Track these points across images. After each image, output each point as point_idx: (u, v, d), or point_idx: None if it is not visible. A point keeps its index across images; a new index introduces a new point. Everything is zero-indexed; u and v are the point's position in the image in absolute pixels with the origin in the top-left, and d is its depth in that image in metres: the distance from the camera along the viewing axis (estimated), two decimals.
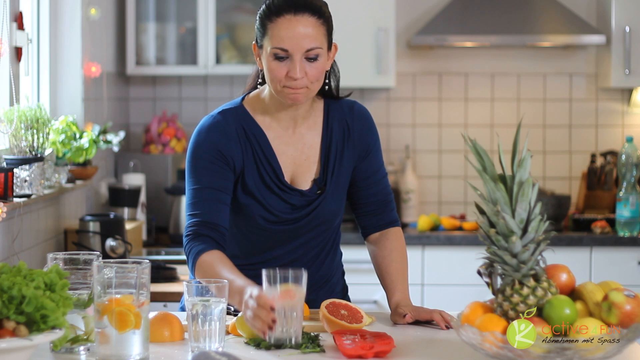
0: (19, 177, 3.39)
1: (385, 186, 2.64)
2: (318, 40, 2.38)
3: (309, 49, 2.37)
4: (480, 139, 5.06)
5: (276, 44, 2.37)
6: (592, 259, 4.71)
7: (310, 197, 2.51)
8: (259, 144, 2.49)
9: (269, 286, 2.13)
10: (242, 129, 2.49)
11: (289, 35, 2.36)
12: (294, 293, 2.12)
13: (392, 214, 2.65)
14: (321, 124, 2.55)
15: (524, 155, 1.97)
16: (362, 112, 2.60)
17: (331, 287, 2.65)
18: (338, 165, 2.55)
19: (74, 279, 2.11)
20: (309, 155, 2.53)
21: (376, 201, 2.62)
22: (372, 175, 2.61)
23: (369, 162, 2.60)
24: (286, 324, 2.11)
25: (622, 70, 4.95)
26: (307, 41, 2.36)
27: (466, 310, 2.02)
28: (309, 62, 2.38)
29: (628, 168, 4.71)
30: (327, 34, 2.42)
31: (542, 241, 1.96)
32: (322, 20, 2.40)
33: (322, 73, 2.43)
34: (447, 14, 5.01)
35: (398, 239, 2.64)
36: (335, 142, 2.55)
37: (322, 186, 2.53)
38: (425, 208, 5.31)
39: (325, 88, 2.53)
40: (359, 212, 2.64)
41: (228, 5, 5.10)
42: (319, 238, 2.57)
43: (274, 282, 2.13)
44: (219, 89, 5.28)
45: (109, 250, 4.02)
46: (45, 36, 4.18)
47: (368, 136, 2.59)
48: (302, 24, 2.37)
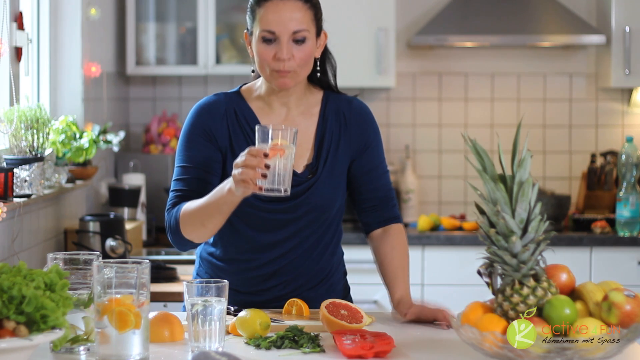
0: (19, 177, 3.39)
1: (386, 182, 2.66)
2: (305, 23, 2.46)
3: (296, 30, 2.44)
4: (480, 139, 5.06)
5: (264, 26, 2.45)
6: (592, 259, 4.71)
7: (300, 179, 2.53)
8: (250, 126, 2.54)
9: (261, 142, 2.23)
10: (234, 110, 2.56)
11: (275, 18, 2.44)
12: (284, 148, 2.22)
13: (394, 210, 2.67)
14: (317, 114, 2.59)
15: (524, 155, 1.97)
16: (361, 107, 2.64)
17: (332, 287, 2.66)
18: (333, 153, 2.57)
19: (74, 279, 2.12)
20: (301, 141, 2.56)
21: (377, 197, 2.64)
22: (372, 170, 2.63)
23: (368, 157, 2.62)
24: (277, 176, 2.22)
25: (622, 70, 4.95)
26: (293, 23, 2.44)
27: (466, 310, 2.02)
28: (297, 45, 2.45)
29: (628, 168, 4.71)
30: (314, 18, 2.50)
31: (542, 241, 1.96)
32: (309, 5, 2.48)
33: (310, 57, 2.49)
34: (447, 14, 5.01)
35: (400, 236, 2.66)
36: (330, 131, 2.58)
37: (314, 171, 2.55)
38: (425, 208, 5.31)
39: (317, 75, 2.59)
40: (360, 208, 2.65)
41: (228, 5, 5.10)
42: (313, 227, 2.57)
43: (264, 138, 2.23)
44: (219, 89, 5.27)
45: (109, 250, 4.02)
46: (45, 36, 4.18)
47: (367, 131, 2.62)
48: (289, 7, 2.45)
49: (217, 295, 2.08)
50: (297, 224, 2.55)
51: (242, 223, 2.55)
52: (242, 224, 2.56)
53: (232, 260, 2.60)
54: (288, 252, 2.56)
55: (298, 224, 2.55)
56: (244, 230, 2.56)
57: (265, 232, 2.55)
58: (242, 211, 2.50)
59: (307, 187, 2.54)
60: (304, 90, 2.59)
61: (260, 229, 2.55)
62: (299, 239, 2.57)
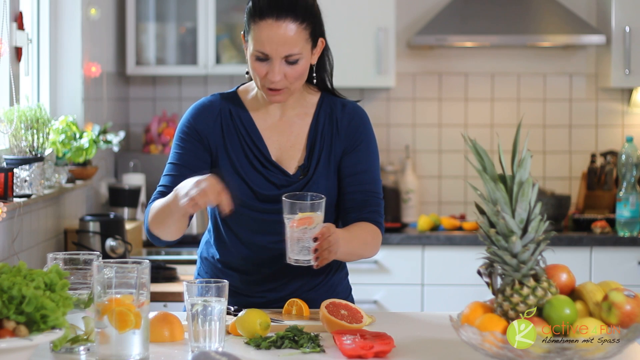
0: (19, 177, 3.39)
1: (374, 189, 2.58)
2: (298, 46, 2.43)
3: (288, 55, 2.43)
4: (480, 139, 5.06)
5: (257, 47, 2.44)
6: (592, 259, 4.71)
7: (292, 180, 2.54)
8: (244, 126, 2.55)
9: (288, 214, 2.33)
10: (229, 111, 2.57)
11: (269, 40, 2.42)
12: (312, 219, 2.29)
13: (375, 215, 2.57)
14: (312, 115, 2.59)
15: (524, 155, 1.97)
16: (354, 111, 2.61)
17: (332, 287, 2.65)
18: (325, 155, 2.56)
19: (74, 279, 2.12)
20: (294, 142, 2.57)
21: (360, 199, 2.56)
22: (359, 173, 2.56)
23: (356, 158, 2.57)
24: (303, 248, 2.31)
25: (622, 70, 4.95)
26: (286, 47, 2.42)
27: (466, 310, 2.02)
28: (289, 65, 2.45)
29: (628, 168, 4.71)
30: (310, 36, 2.47)
31: (542, 241, 1.96)
32: (306, 24, 2.45)
33: (304, 73, 2.49)
34: (447, 14, 5.01)
35: (371, 227, 2.55)
36: (322, 133, 2.58)
37: (305, 172, 2.55)
38: (425, 208, 5.31)
39: (314, 82, 2.59)
40: (342, 208, 2.59)
41: (228, 5, 5.10)
42: None
43: (292, 209, 2.30)
44: (219, 89, 5.27)
45: (109, 250, 4.02)
46: (45, 36, 4.18)
47: (357, 131, 2.59)
48: (283, 29, 2.42)
49: (217, 295, 2.08)
50: None
51: (238, 225, 2.56)
52: (238, 226, 2.56)
53: (231, 262, 2.60)
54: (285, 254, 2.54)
55: None
56: (241, 232, 2.56)
57: (261, 233, 2.55)
58: (237, 212, 2.51)
59: (298, 188, 2.54)
60: (301, 92, 2.59)
61: (256, 230, 2.56)
62: None
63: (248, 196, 2.53)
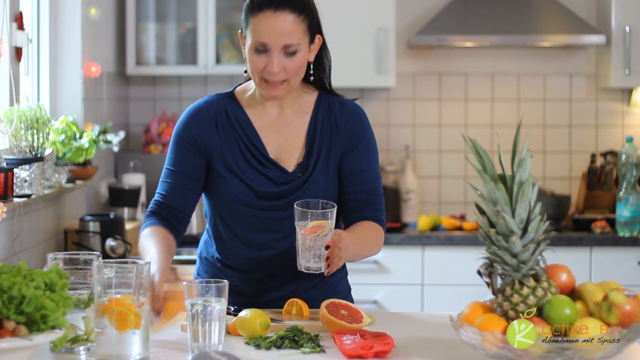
0: (19, 177, 3.39)
1: (374, 187, 2.59)
2: (297, 36, 2.45)
3: (287, 44, 2.44)
4: (480, 139, 5.06)
5: (256, 38, 2.45)
6: (592, 259, 4.71)
7: (290, 177, 2.54)
8: (241, 125, 2.56)
9: (299, 221, 2.35)
10: (225, 112, 2.58)
11: (267, 30, 2.44)
12: (324, 227, 2.32)
13: (377, 213, 2.59)
14: (310, 114, 2.60)
15: (524, 155, 1.97)
16: (353, 109, 2.62)
17: (332, 287, 2.65)
18: (324, 154, 2.57)
19: (74, 279, 2.12)
20: (293, 141, 2.57)
21: (362, 198, 2.58)
22: (359, 173, 2.58)
23: (356, 158, 2.58)
24: (314, 255, 2.32)
25: (622, 70, 4.95)
26: (285, 37, 2.44)
27: (466, 310, 2.02)
28: (288, 57, 2.46)
29: (628, 168, 4.71)
30: (308, 29, 2.49)
31: (542, 241, 1.96)
32: (303, 16, 2.47)
33: (302, 66, 2.50)
34: (447, 14, 5.01)
35: (373, 226, 2.57)
36: (320, 131, 2.58)
37: (304, 170, 2.55)
38: (425, 208, 5.31)
39: (311, 79, 2.59)
40: (344, 207, 2.60)
41: (228, 5, 5.10)
42: None
43: (304, 217, 2.34)
44: (219, 89, 5.27)
45: (109, 250, 4.02)
46: (45, 36, 4.18)
47: (357, 131, 2.60)
48: (282, 20, 2.44)
49: (217, 295, 2.08)
50: (290, 223, 2.55)
51: (237, 224, 2.56)
52: (237, 225, 2.56)
53: (231, 261, 2.61)
54: (284, 252, 2.55)
55: (291, 222, 2.55)
56: (240, 231, 2.57)
57: (260, 232, 2.56)
58: (235, 210, 2.51)
59: (297, 185, 2.54)
60: (298, 91, 2.59)
61: (255, 229, 2.56)
62: (294, 238, 2.56)
63: (246, 194, 2.53)
